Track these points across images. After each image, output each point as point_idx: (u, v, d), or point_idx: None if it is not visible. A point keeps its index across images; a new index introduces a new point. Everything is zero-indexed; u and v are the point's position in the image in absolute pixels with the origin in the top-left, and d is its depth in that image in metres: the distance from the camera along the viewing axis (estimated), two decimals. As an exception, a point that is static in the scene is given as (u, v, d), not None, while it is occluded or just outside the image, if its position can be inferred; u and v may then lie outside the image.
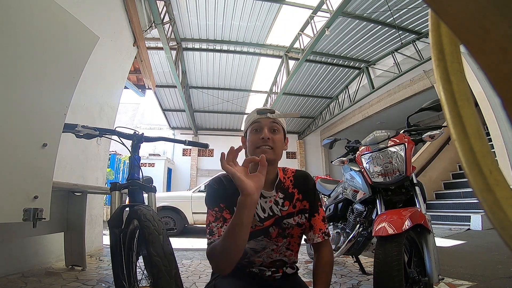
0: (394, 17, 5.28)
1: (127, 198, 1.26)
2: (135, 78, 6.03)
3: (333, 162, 1.93)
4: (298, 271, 1.00)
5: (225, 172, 0.75)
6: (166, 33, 4.96)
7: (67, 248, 2.15)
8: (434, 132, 1.44)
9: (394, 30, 5.68)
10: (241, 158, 0.76)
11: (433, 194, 5.70)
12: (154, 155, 10.48)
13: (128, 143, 1.29)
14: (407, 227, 1.09)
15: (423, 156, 5.91)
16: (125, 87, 4.36)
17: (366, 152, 1.50)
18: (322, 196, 2.32)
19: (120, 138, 1.29)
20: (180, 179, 11.48)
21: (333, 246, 1.83)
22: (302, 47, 5.98)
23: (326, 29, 4.89)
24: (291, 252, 0.94)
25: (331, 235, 1.89)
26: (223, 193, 0.87)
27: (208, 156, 11.99)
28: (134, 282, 1.05)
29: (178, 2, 5.11)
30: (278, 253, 0.92)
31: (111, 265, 1.07)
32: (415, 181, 1.40)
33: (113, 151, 7.69)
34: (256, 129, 0.90)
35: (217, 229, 0.81)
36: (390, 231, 1.09)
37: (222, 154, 0.72)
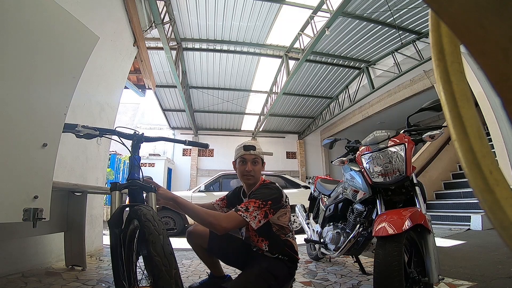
0: (394, 17, 5.28)
1: (127, 198, 1.26)
2: (135, 78, 6.03)
3: (333, 162, 1.93)
4: (278, 256, 1.37)
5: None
6: (166, 33, 4.95)
7: (67, 248, 2.15)
8: (434, 132, 1.44)
9: (394, 30, 5.68)
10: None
11: (433, 194, 5.70)
12: (154, 155, 10.47)
13: (128, 143, 1.29)
14: (407, 227, 1.09)
15: (423, 156, 5.91)
16: (125, 87, 4.36)
17: (366, 152, 1.50)
18: (322, 196, 2.32)
19: (120, 138, 1.29)
20: (180, 179, 11.48)
21: (333, 246, 1.83)
22: (302, 47, 5.98)
23: (326, 29, 4.89)
24: (267, 243, 1.37)
25: (332, 235, 1.89)
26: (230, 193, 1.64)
27: (208, 156, 12.00)
28: (134, 282, 1.05)
29: (178, 2, 5.11)
30: (255, 244, 1.40)
31: (111, 265, 1.07)
32: (415, 181, 1.40)
33: (113, 151, 7.69)
34: (242, 161, 1.40)
35: (215, 201, 1.63)
36: (390, 231, 1.09)
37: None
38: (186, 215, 1.49)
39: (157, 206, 1.18)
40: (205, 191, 5.13)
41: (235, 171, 1.47)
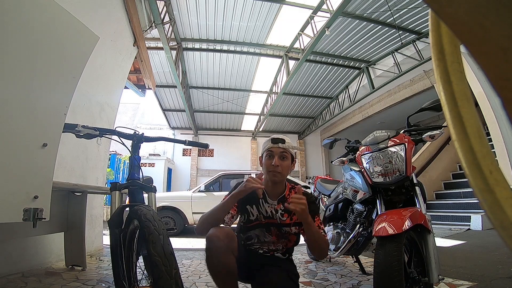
0: (394, 17, 5.27)
1: (127, 198, 1.26)
2: (135, 78, 6.03)
3: (333, 162, 1.93)
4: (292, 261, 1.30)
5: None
6: (166, 33, 4.95)
7: (67, 248, 2.15)
8: (434, 132, 1.44)
9: (394, 30, 5.68)
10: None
11: (433, 194, 5.70)
12: (154, 155, 10.47)
13: (128, 143, 1.29)
14: (407, 227, 1.09)
15: (423, 156, 5.91)
16: (125, 87, 4.36)
17: (366, 152, 1.50)
18: (322, 196, 2.32)
19: (120, 138, 1.29)
20: (180, 179, 11.47)
21: (333, 246, 1.83)
22: (302, 47, 5.97)
23: (326, 29, 4.89)
24: (287, 247, 1.26)
25: (332, 235, 1.89)
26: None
27: (208, 156, 11.99)
28: (134, 282, 1.05)
29: (178, 2, 5.11)
30: (275, 246, 1.24)
31: (111, 265, 1.07)
32: (415, 181, 1.40)
33: (113, 151, 7.69)
34: (269, 155, 1.21)
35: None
36: (390, 231, 1.09)
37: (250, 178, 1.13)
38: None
39: (157, 207, 1.18)
40: (205, 191, 5.13)
41: (259, 169, 1.32)
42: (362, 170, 1.53)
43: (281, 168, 1.18)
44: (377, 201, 1.44)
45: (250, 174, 3.96)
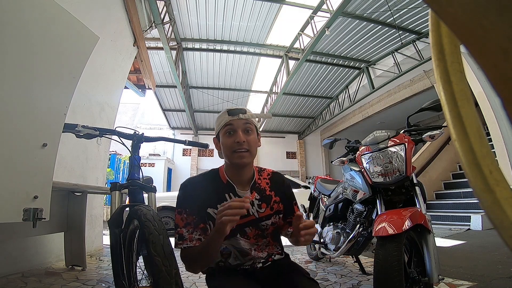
0: (394, 17, 5.27)
1: (127, 198, 1.26)
2: (135, 78, 6.02)
3: (333, 162, 1.93)
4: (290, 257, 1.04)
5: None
6: (166, 33, 4.95)
7: (67, 248, 2.15)
8: (434, 132, 1.44)
9: (394, 30, 5.68)
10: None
11: (433, 194, 5.70)
12: (154, 155, 10.47)
13: (128, 143, 1.29)
14: (407, 227, 1.09)
15: (423, 156, 5.91)
16: (125, 87, 4.36)
17: (366, 152, 1.50)
18: (322, 196, 2.32)
19: (120, 138, 1.29)
20: (180, 179, 11.45)
21: (333, 246, 1.83)
22: (302, 47, 5.97)
23: (326, 29, 4.89)
24: (274, 244, 0.99)
25: (332, 235, 1.89)
26: (189, 198, 0.91)
27: (208, 156, 11.99)
28: (134, 282, 1.05)
29: (178, 2, 5.11)
30: (261, 250, 0.96)
31: (111, 265, 1.07)
32: (415, 181, 1.40)
33: (113, 151, 7.69)
34: (229, 131, 0.91)
35: (188, 235, 0.85)
36: (390, 231, 1.09)
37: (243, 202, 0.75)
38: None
39: (157, 207, 1.17)
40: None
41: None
42: (362, 170, 1.53)
43: (248, 144, 0.89)
44: (377, 201, 1.44)
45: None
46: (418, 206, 1.30)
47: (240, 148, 0.88)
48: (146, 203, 1.16)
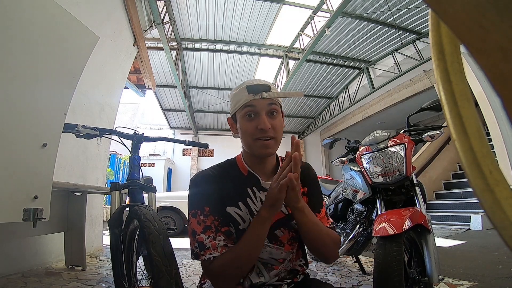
0: (394, 17, 5.27)
1: (127, 198, 1.26)
2: (135, 78, 6.03)
3: (333, 162, 1.93)
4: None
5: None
6: (166, 33, 4.95)
7: (67, 248, 2.15)
8: (434, 132, 1.44)
9: (394, 30, 5.68)
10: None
11: (433, 194, 5.70)
12: (154, 155, 10.47)
13: (128, 143, 1.29)
14: (407, 227, 1.08)
15: (423, 156, 5.91)
16: (125, 87, 4.36)
17: (366, 152, 1.50)
18: (322, 195, 2.32)
19: (120, 138, 1.29)
20: (180, 179, 11.47)
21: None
22: (302, 47, 5.97)
23: (326, 29, 4.89)
24: (298, 254, 0.81)
25: None
26: (203, 196, 0.73)
27: (208, 156, 11.99)
28: (134, 282, 1.05)
29: (178, 2, 5.11)
30: (286, 266, 0.76)
31: (111, 265, 1.07)
32: (415, 181, 1.40)
33: (113, 151, 7.69)
34: (249, 113, 0.73)
35: (211, 242, 0.67)
36: (390, 231, 1.09)
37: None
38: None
39: (157, 207, 1.17)
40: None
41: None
42: (362, 170, 1.53)
43: (274, 131, 0.72)
44: (377, 201, 1.44)
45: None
46: (418, 206, 1.30)
47: (265, 135, 0.71)
48: (146, 203, 1.16)
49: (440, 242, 3.09)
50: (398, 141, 1.42)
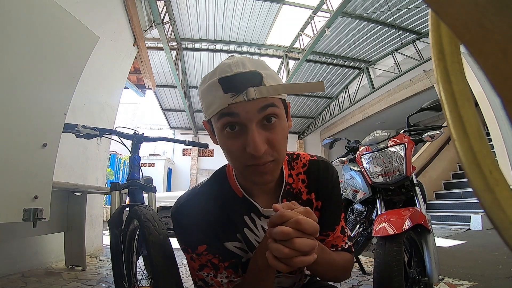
0: (394, 17, 5.27)
1: (127, 198, 1.26)
2: (135, 78, 6.03)
3: (333, 162, 1.92)
4: None
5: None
6: (166, 33, 4.95)
7: (67, 248, 2.15)
8: (434, 132, 1.44)
9: (394, 30, 5.68)
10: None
11: (433, 194, 5.70)
12: (154, 155, 10.48)
13: (128, 143, 1.29)
14: (407, 227, 1.08)
15: (423, 156, 5.91)
16: (125, 87, 4.36)
17: (366, 152, 1.50)
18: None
19: (120, 138, 1.29)
20: (180, 179, 11.48)
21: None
22: (302, 47, 5.97)
23: (326, 29, 4.89)
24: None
25: None
26: (190, 233, 0.58)
27: (208, 156, 11.99)
28: (134, 282, 1.05)
29: (178, 2, 5.11)
30: (302, 280, 0.69)
31: (111, 265, 1.07)
32: (415, 181, 1.40)
33: (113, 151, 7.69)
34: (230, 125, 0.48)
35: (212, 280, 0.57)
36: (390, 231, 1.09)
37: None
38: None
39: (157, 207, 1.17)
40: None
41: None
42: (362, 170, 1.53)
43: (273, 150, 0.49)
44: (377, 201, 1.44)
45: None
46: (418, 206, 1.30)
47: (258, 163, 0.48)
48: (146, 203, 1.16)
49: (440, 242, 3.08)
50: (398, 141, 1.42)
